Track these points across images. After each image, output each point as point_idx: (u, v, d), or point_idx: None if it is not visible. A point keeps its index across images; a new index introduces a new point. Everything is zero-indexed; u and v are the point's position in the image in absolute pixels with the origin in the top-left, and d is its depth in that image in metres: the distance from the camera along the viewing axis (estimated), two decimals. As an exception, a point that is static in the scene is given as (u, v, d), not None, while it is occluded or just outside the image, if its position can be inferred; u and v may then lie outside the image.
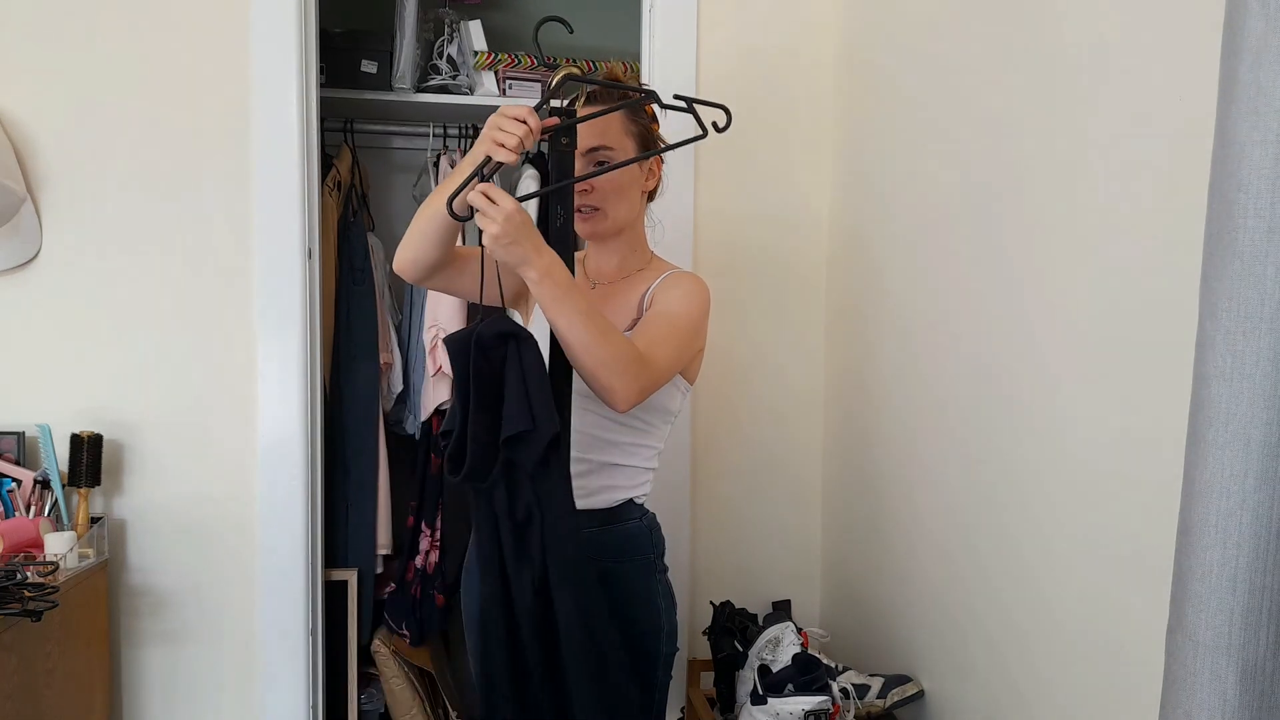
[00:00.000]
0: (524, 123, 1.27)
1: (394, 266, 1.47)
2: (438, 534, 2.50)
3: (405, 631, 2.46)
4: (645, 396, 1.37)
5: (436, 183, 2.51)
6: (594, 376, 1.32)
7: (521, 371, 1.25)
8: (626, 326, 1.49)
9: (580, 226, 1.49)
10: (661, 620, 1.53)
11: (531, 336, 1.29)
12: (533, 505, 1.28)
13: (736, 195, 2.23)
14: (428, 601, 2.49)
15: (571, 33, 1.52)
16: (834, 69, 2.23)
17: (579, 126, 1.43)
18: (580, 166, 1.46)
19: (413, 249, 1.42)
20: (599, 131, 1.48)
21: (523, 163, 2.46)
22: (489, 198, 1.25)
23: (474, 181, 1.27)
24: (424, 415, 2.49)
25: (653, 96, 1.47)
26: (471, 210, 1.27)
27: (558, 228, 1.38)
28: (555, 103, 1.39)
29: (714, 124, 1.45)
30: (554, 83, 1.40)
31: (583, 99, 1.57)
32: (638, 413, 1.47)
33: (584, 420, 1.48)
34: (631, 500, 1.54)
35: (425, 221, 1.40)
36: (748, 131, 2.23)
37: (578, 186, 1.46)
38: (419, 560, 2.50)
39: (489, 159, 1.28)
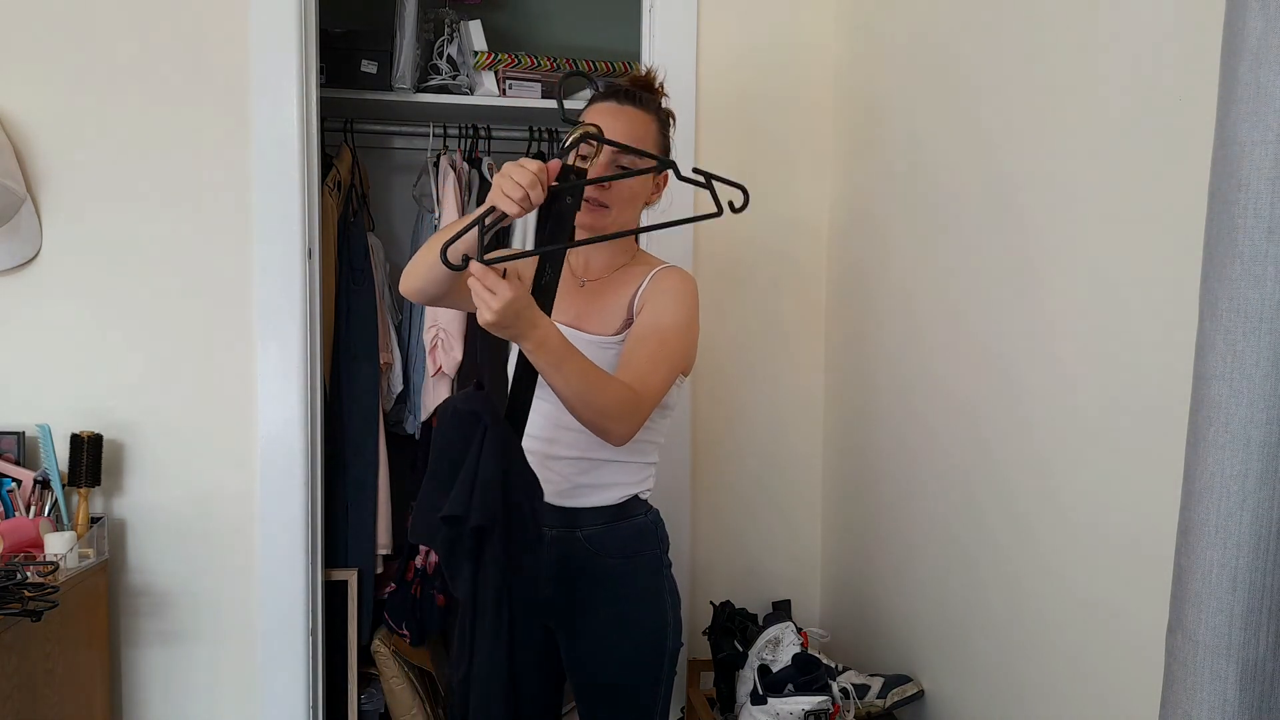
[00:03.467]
0: (534, 176, 1.25)
1: (400, 289, 1.47)
2: None
3: (405, 631, 2.46)
4: (644, 421, 1.40)
5: (435, 183, 2.51)
6: (592, 424, 1.35)
7: (478, 460, 1.27)
8: (616, 329, 1.49)
9: (583, 218, 1.47)
10: (668, 616, 1.54)
11: (502, 424, 1.30)
12: (473, 582, 1.32)
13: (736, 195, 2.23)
14: (428, 601, 2.49)
15: (597, 89, 1.50)
16: (834, 69, 2.23)
17: (610, 126, 1.41)
18: (604, 162, 1.44)
19: (418, 280, 1.42)
20: (635, 137, 1.46)
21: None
22: (485, 286, 1.22)
23: (474, 231, 1.25)
24: (424, 415, 2.49)
25: (671, 165, 1.44)
26: (466, 259, 1.24)
27: (542, 285, 1.37)
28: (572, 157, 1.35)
29: (730, 203, 1.42)
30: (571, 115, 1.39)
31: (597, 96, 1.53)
32: None
33: (532, 420, 1.50)
34: (636, 496, 1.54)
35: (426, 265, 1.38)
36: (747, 132, 2.23)
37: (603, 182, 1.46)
38: (419, 560, 2.50)
39: (492, 208, 1.26)
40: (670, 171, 1.44)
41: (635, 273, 1.54)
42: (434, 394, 2.45)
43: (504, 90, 2.50)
